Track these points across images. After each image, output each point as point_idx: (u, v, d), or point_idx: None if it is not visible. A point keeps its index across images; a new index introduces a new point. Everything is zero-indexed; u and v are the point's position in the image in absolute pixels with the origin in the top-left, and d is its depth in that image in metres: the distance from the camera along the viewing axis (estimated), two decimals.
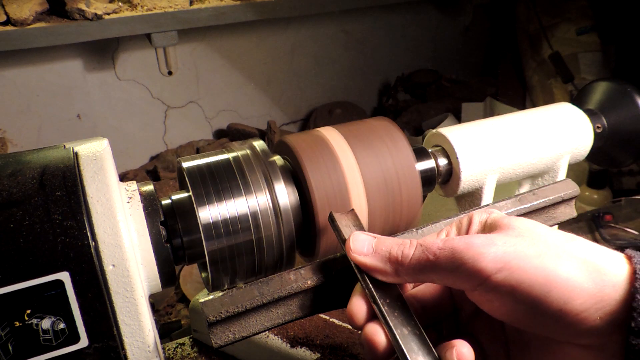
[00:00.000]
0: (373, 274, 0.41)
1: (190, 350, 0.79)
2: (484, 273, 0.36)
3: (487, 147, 0.59)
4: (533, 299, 0.35)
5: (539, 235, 0.38)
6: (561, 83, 2.06)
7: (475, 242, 0.37)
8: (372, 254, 0.41)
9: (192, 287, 1.72)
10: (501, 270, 0.36)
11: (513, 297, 0.36)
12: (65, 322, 0.38)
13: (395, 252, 0.40)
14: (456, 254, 0.37)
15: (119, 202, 0.41)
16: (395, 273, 0.40)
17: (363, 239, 0.42)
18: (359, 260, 0.41)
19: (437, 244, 0.38)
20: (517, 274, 0.36)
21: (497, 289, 0.36)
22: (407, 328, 0.38)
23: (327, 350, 0.72)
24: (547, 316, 0.35)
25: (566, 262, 0.36)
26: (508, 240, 0.37)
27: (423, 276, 0.39)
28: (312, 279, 0.44)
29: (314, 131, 0.53)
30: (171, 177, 2.12)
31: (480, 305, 0.39)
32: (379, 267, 0.40)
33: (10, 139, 1.98)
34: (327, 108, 2.53)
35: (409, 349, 0.37)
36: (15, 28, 1.60)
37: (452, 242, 0.38)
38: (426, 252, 0.39)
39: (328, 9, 2.11)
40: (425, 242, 0.39)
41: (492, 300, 0.37)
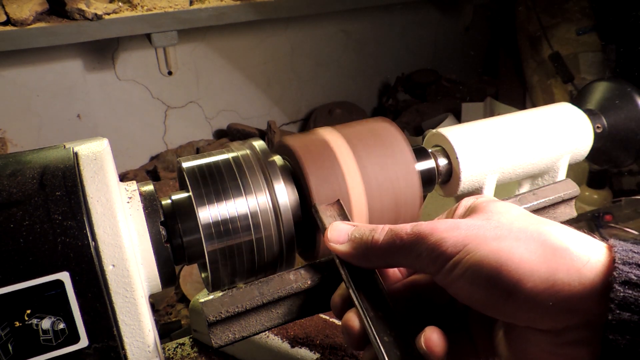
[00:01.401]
0: (348, 260, 0.42)
1: (190, 350, 0.79)
2: (445, 256, 0.37)
3: (487, 147, 0.59)
4: (486, 279, 0.35)
5: (506, 219, 0.38)
6: (561, 83, 2.06)
7: (439, 227, 0.38)
8: (346, 241, 0.42)
9: (192, 287, 1.72)
10: (460, 252, 0.36)
11: (470, 279, 0.36)
12: (65, 322, 0.38)
13: (367, 238, 0.41)
14: (420, 238, 0.38)
15: (119, 202, 0.41)
16: (366, 258, 0.41)
17: (341, 228, 0.43)
18: (334, 248, 0.43)
19: (406, 229, 0.39)
20: (473, 255, 0.36)
21: (456, 272, 0.37)
22: (380, 311, 0.39)
23: (327, 350, 0.72)
24: (500, 297, 0.35)
25: (523, 245, 0.35)
26: (473, 224, 0.38)
27: (391, 260, 0.40)
28: (312, 279, 0.44)
29: (313, 132, 0.53)
30: (171, 177, 2.12)
31: (446, 288, 0.39)
32: (351, 253, 0.42)
33: (10, 139, 1.98)
34: (327, 108, 2.53)
35: (381, 330, 0.37)
36: (15, 28, 1.60)
37: (419, 227, 0.39)
38: (394, 236, 0.40)
39: (328, 9, 2.11)
40: (395, 228, 0.40)
41: (454, 283, 0.37)
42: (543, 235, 0.36)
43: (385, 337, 0.37)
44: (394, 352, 0.36)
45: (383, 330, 0.37)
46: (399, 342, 0.37)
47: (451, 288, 0.38)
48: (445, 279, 0.38)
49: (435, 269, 0.38)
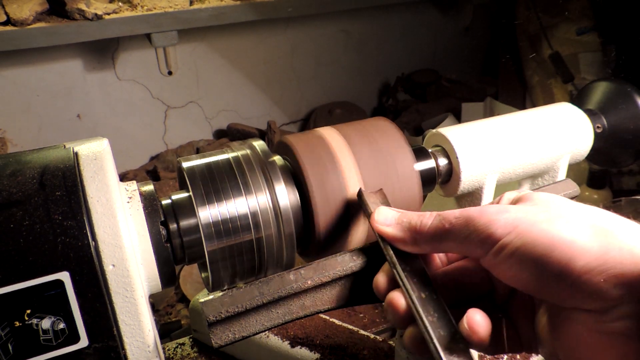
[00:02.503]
0: (394, 244, 0.43)
1: (190, 350, 0.79)
2: (494, 237, 0.38)
3: (487, 147, 0.59)
4: (536, 259, 0.36)
5: (553, 204, 0.40)
6: (561, 83, 2.06)
7: (488, 210, 0.39)
8: (394, 225, 0.43)
9: (192, 287, 1.72)
10: (510, 233, 0.37)
11: (519, 260, 0.37)
12: (65, 322, 0.38)
13: (415, 222, 0.42)
14: (470, 220, 0.39)
15: (119, 202, 0.41)
16: (414, 241, 0.42)
17: (387, 211, 0.45)
18: (381, 230, 0.44)
19: (454, 214, 0.41)
20: (523, 236, 0.37)
21: (505, 252, 0.37)
22: (424, 293, 0.40)
23: (327, 350, 0.72)
24: (549, 277, 0.36)
25: (573, 225, 0.37)
26: (521, 208, 0.39)
27: (440, 244, 0.41)
28: (312, 279, 0.44)
29: (313, 131, 0.53)
30: (171, 177, 2.12)
31: (492, 271, 0.40)
32: (399, 236, 0.43)
33: (10, 139, 1.98)
34: (327, 108, 2.53)
35: (425, 311, 0.38)
36: (15, 28, 1.60)
37: (468, 211, 0.40)
38: (443, 221, 0.41)
39: (328, 9, 2.11)
40: (443, 213, 0.41)
41: (501, 265, 0.38)
42: (592, 218, 0.37)
43: (430, 317, 0.38)
44: (438, 332, 0.37)
45: (427, 311, 0.38)
46: (443, 323, 0.38)
47: (499, 270, 0.39)
48: (493, 260, 0.39)
49: (484, 251, 0.39)
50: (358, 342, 0.74)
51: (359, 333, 0.76)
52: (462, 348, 0.36)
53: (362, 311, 0.92)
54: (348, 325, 0.78)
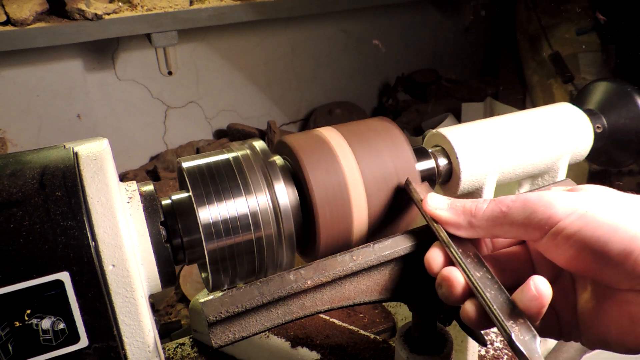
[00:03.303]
0: (448, 228, 0.44)
1: (190, 350, 0.80)
2: (555, 218, 0.39)
3: (487, 147, 0.59)
4: (598, 239, 0.37)
5: (609, 192, 0.41)
6: (561, 83, 2.06)
7: (546, 194, 0.40)
8: (447, 208, 0.44)
9: (192, 287, 1.73)
10: (570, 215, 0.38)
11: (579, 241, 0.38)
12: (65, 322, 0.38)
13: (469, 206, 0.43)
14: (528, 203, 0.40)
15: (119, 202, 0.41)
16: (469, 225, 0.43)
17: (439, 197, 0.46)
18: (435, 214, 0.44)
19: (511, 198, 0.41)
20: (584, 217, 0.38)
21: (564, 234, 0.38)
22: (479, 272, 0.41)
23: (327, 350, 0.72)
24: (611, 257, 0.37)
25: (633, 208, 0.38)
26: (578, 194, 0.40)
27: (496, 228, 0.42)
28: (312, 279, 0.44)
29: (313, 131, 0.53)
30: (171, 177, 2.12)
31: (547, 254, 0.41)
32: (453, 219, 0.43)
33: (10, 139, 1.98)
34: (327, 108, 2.53)
35: (484, 286, 0.40)
36: (15, 28, 1.60)
37: (525, 195, 0.41)
38: (499, 204, 0.41)
39: (328, 9, 2.11)
40: (498, 197, 0.42)
41: (560, 247, 0.39)
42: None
43: (488, 293, 0.39)
44: (498, 306, 0.39)
45: (485, 287, 0.40)
46: (502, 299, 0.39)
47: (556, 253, 0.40)
48: (550, 242, 0.39)
49: (542, 232, 0.39)
50: (358, 342, 0.74)
51: (359, 333, 0.76)
52: (522, 321, 0.38)
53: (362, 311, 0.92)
54: (348, 325, 0.78)
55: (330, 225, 0.49)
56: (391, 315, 0.91)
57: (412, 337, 0.52)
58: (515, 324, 0.38)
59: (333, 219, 0.49)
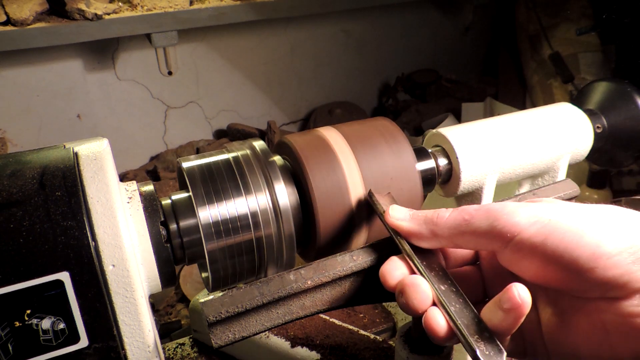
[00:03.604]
0: (410, 239, 0.43)
1: (190, 350, 0.80)
2: (518, 226, 0.38)
3: (487, 147, 0.59)
4: (565, 246, 0.36)
5: (570, 203, 0.40)
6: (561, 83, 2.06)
7: (510, 203, 0.40)
8: (409, 219, 0.43)
9: (192, 287, 1.72)
10: (534, 224, 0.37)
11: (545, 250, 0.37)
12: (65, 322, 0.38)
13: (431, 215, 0.42)
14: (491, 211, 0.39)
15: (119, 202, 0.41)
16: (431, 234, 0.42)
17: (400, 208, 0.45)
18: (397, 225, 0.44)
19: (474, 207, 0.41)
20: (550, 225, 0.37)
21: (529, 242, 0.37)
22: (444, 285, 0.40)
23: (327, 350, 0.72)
24: (579, 264, 0.36)
25: (600, 215, 0.37)
26: (542, 204, 0.40)
27: (458, 237, 0.41)
28: (312, 279, 0.44)
29: (313, 131, 0.53)
30: (171, 177, 2.12)
31: (511, 267, 0.40)
32: (415, 230, 0.43)
33: (10, 139, 1.98)
34: (327, 108, 2.53)
35: (448, 301, 0.39)
36: (15, 28, 1.60)
37: (488, 204, 0.41)
38: (462, 212, 0.41)
39: (328, 9, 2.11)
40: (461, 207, 0.42)
41: (524, 258, 0.38)
42: (615, 209, 0.38)
43: (452, 307, 0.39)
44: (462, 320, 0.38)
45: (450, 301, 0.39)
46: (467, 313, 0.38)
47: (522, 264, 0.39)
48: (514, 254, 0.39)
49: (505, 242, 0.39)
50: (358, 342, 0.74)
51: (359, 333, 0.76)
52: (487, 336, 0.37)
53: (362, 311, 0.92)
54: (348, 325, 0.78)
55: (330, 225, 0.49)
56: (391, 315, 0.91)
57: (412, 337, 0.52)
58: (480, 339, 0.36)
59: (333, 219, 0.49)
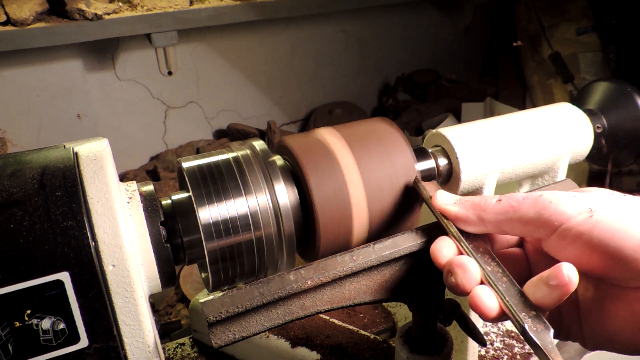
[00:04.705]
0: (457, 223, 0.44)
1: (190, 350, 0.80)
2: (565, 215, 0.39)
3: (487, 147, 0.59)
4: (611, 236, 0.37)
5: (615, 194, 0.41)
6: (561, 83, 2.06)
7: (557, 193, 0.40)
8: (457, 204, 0.44)
9: (192, 287, 1.73)
10: (582, 212, 0.38)
11: (591, 238, 0.38)
12: (65, 322, 0.38)
13: (478, 201, 0.43)
14: (539, 200, 0.40)
15: (119, 202, 0.41)
16: (478, 219, 0.42)
17: (447, 193, 0.46)
18: (445, 209, 0.44)
19: (522, 195, 0.41)
20: (597, 214, 0.38)
21: (576, 230, 0.38)
22: (490, 266, 0.41)
23: (328, 350, 0.72)
24: (624, 253, 0.36)
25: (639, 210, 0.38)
26: (587, 194, 0.40)
27: (505, 224, 0.41)
28: (312, 279, 0.44)
29: (313, 132, 0.53)
30: (171, 177, 2.12)
31: (555, 254, 0.40)
32: (462, 214, 0.43)
33: (10, 139, 1.98)
34: (327, 108, 2.53)
35: (496, 279, 0.40)
36: (15, 28, 1.60)
37: (535, 193, 0.41)
38: (509, 200, 0.41)
39: (328, 9, 2.11)
40: (507, 194, 0.42)
41: (569, 245, 0.39)
42: None
43: (499, 286, 0.39)
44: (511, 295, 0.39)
45: (497, 279, 0.40)
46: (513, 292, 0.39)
47: (565, 251, 0.39)
48: (560, 241, 0.39)
49: (550, 231, 0.39)
50: (358, 342, 0.74)
51: (359, 333, 0.76)
52: (534, 314, 0.38)
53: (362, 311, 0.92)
54: (348, 325, 0.78)
55: (330, 225, 0.49)
56: (391, 315, 0.91)
57: (412, 337, 0.52)
58: (527, 316, 0.38)
59: (333, 219, 0.49)
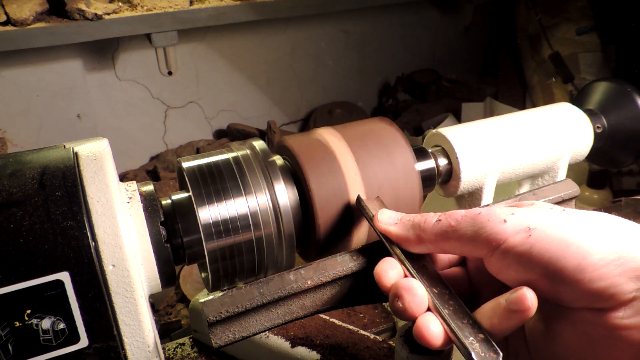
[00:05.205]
0: (399, 243, 0.43)
1: (190, 350, 0.80)
2: (504, 234, 0.38)
3: (487, 147, 0.59)
4: (550, 256, 0.36)
5: (557, 208, 0.40)
6: (561, 83, 2.06)
7: (496, 210, 0.39)
8: (397, 224, 0.44)
9: (192, 287, 1.72)
10: (520, 232, 0.37)
11: (530, 259, 0.37)
12: (65, 322, 0.38)
13: (418, 220, 0.42)
14: (477, 218, 0.39)
15: (119, 202, 0.41)
16: (418, 240, 0.42)
17: (389, 213, 0.46)
18: (385, 229, 0.44)
19: (460, 212, 0.41)
20: (536, 233, 0.37)
21: (515, 250, 0.37)
22: (436, 288, 0.40)
23: (327, 350, 0.72)
24: (565, 274, 0.35)
25: (587, 223, 0.37)
26: (529, 210, 0.39)
27: (445, 243, 0.41)
28: (312, 279, 0.44)
29: (313, 132, 0.53)
30: (171, 177, 2.12)
31: (497, 273, 0.40)
32: (402, 234, 0.43)
33: (10, 139, 1.98)
34: (327, 108, 2.53)
35: (441, 303, 0.39)
36: (15, 28, 1.60)
37: (475, 210, 0.40)
38: (449, 219, 0.41)
39: (328, 9, 2.11)
40: (448, 212, 0.41)
41: (510, 265, 0.38)
42: (604, 216, 0.38)
43: (446, 309, 0.38)
44: (456, 323, 0.38)
45: (443, 303, 0.39)
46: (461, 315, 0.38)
47: (507, 271, 0.38)
48: (500, 261, 0.38)
49: (491, 249, 0.38)
50: (358, 342, 0.74)
51: (359, 333, 0.76)
52: (483, 338, 0.36)
53: (362, 311, 0.92)
54: (348, 325, 0.78)
55: (330, 225, 0.49)
56: (391, 315, 0.91)
57: (412, 337, 0.52)
58: (475, 341, 0.36)
59: (333, 219, 0.49)
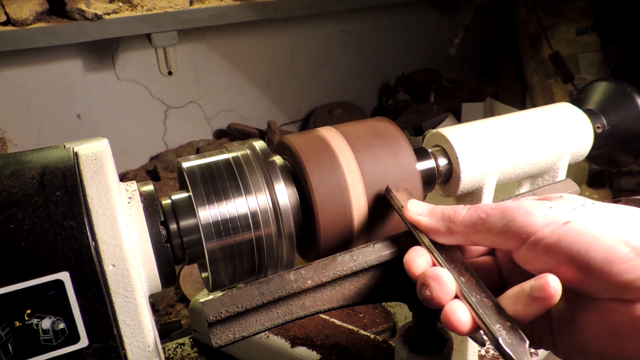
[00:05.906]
0: (428, 234, 0.44)
1: (190, 350, 0.80)
2: (533, 227, 0.38)
3: (487, 147, 0.59)
4: (579, 248, 0.36)
5: (587, 201, 0.40)
6: (561, 83, 2.06)
7: (526, 203, 0.40)
8: (427, 214, 0.44)
9: (192, 287, 1.73)
10: (549, 224, 0.38)
11: (559, 250, 0.37)
12: (65, 322, 0.38)
13: (448, 212, 0.43)
14: (507, 210, 0.39)
15: (119, 202, 0.41)
16: (448, 231, 0.42)
17: (419, 203, 0.46)
18: (415, 219, 0.44)
19: (490, 205, 0.41)
20: (565, 227, 0.37)
21: (544, 242, 0.38)
22: (464, 277, 0.40)
23: (327, 350, 0.72)
24: (593, 266, 0.36)
25: (616, 217, 0.37)
26: (558, 203, 0.40)
27: (474, 235, 0.41)
28: (312, 279, 0.44)
29: (313, 131, 0.53)
30: (171, 177, 2.12)
31: (525, 265, 0.40)
32: (433, 225, 0.43)
33: (10, 139, 1.98)
34: (327, 108, 2.53)
35: (469, 292, 0.39)
36: (15, 28, 1.60)
37: (504, 203, 0.41)
38: (478, 210, 0.41)
39: (328, 9, 2.11)
40: (478, 204, 0.42)
41: (539, 257, 0.38)
42: (632, 210, 0.38)
43: (474, 297, 0.39)
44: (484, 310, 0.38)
45: (471, 292, 0.39)
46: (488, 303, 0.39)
47: (535, 263, 0.39)
48: (529, 253, 0.39)
49: (520, 241, 0.39)
50: (358, 342, 0.74)
51: (359, 333, 0.76)
52: (509, 325, 0.37)
53: (362, 311, 0.92)
54: (348, 325, 0.78)
55: (330, 225, 0.49)
56: (391, 315, 0.91)
57: (412, 337, 0.52)
58: (502, 328, 0.37)
59: (333, 219, 0.49)
